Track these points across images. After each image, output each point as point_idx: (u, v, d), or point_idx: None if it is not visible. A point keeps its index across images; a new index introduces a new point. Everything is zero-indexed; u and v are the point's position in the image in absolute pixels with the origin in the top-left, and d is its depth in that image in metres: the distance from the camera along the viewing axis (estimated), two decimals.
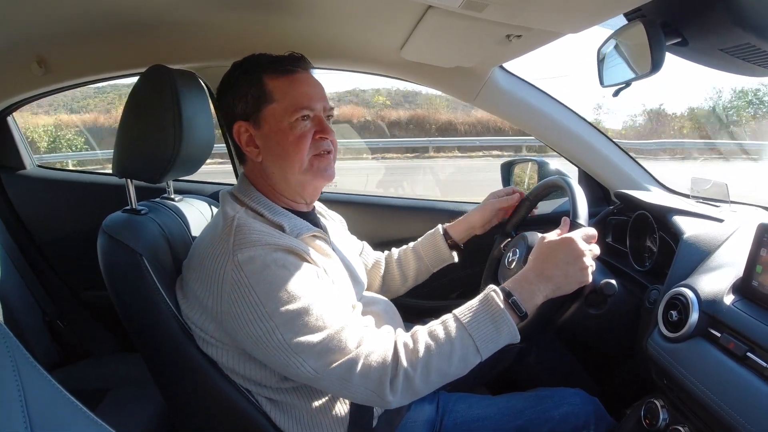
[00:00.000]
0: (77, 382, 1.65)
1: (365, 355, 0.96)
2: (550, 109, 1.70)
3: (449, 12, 1.03)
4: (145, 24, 1.35)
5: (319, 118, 1.11)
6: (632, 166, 1.75)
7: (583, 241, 1.08)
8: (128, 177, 1.20)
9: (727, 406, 0.85)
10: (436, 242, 1.50)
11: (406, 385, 0.96)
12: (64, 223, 1.94)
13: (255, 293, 0.94)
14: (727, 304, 0.95)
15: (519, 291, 1.04)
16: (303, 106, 1.08)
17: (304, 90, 1.10)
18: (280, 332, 0.94)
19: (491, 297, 1.02)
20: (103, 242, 1.09)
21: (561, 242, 1.08)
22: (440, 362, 0.97)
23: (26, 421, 0.51)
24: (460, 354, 0.98)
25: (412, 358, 0.97)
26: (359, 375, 0.95)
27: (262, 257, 0.96)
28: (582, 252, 1.06)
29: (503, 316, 1.00)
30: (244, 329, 0.96)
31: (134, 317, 1.09)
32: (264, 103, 1.08)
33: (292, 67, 1.10)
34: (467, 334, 0.99)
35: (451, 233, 1.50)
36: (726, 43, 0.94)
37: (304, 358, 0.94)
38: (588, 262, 1.06)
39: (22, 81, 1.66)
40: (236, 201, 1.11)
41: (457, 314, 1.03)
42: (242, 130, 1.11)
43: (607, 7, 0.94)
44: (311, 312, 0.95)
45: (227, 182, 2.00)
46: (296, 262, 0.99)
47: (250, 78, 1.09)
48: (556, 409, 1.17)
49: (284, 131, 1.08)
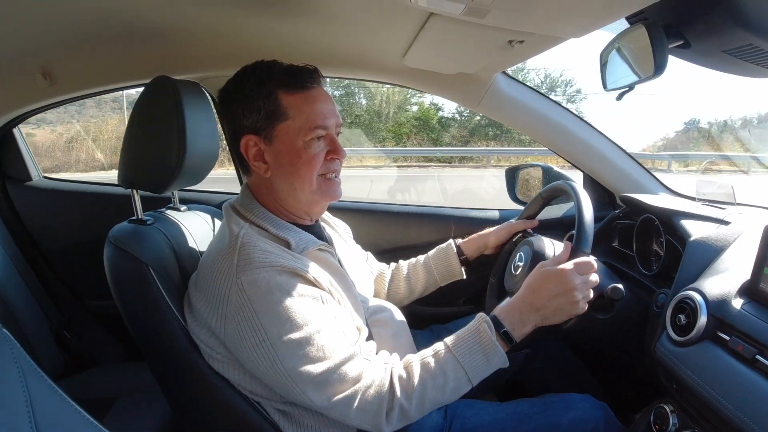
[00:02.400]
0: (84, 391, 1.65)
1: (363, 390, 0.98)
2: (554, 113, 1.70)
3: (451, 19, 1.03)
4: (149, 35, 1.36)
5: (331, 137, 1.10)
6: (637, 169, 1.75)
7: (576, 274, 1.07)
8: (133, 187, 1.21)
9: (737, 409, 0.84)
10: (448, 258, 1.51)
11: (401, 416, 1.00)
12: (71, 233, 1.95)
13: (258, 319, 0.95)
14: (735, 307, 0.94)
15: (510, 321, 1.07)
16: (318, 125, 1.06)
17: (320, 108, 1.07)
18: (281, 361, 0.95)
19: (483, 329, 1.06)
20: (110, 252, 1.10)
21: (554, 274, 1.08)
22: (434, 394, 1.02)
23: (33, 431, 0.51)
24: (453, 385, 1.03)
25: (407, 392, 1.01)
26: (357, 409, 0.98)
27: (266, 281, 0.96)
28: (573, 286, 1.06)
29: (494, 347, 1.04)
30: (247, 352, 0.97)
31: (141, 326, 1.09)
32: (277, 120, 1.06)
33: (308, 83, 1.07)
34: (459, 366, 1.03)
35: (463, 249, 1.51)
36: (728, 44, 0.94)
37: (303, 388, 0.96)
38: (579, 295, 1.06)
39: (27, 93, 1.67)
40: (239, 216, 1.10)
41: (450, 345, 1.06)
42: (251, 144, 1.08)
43: (609, 11, 0.94)
44: (313, 342, 0.96)
45: (232, 191, 2.00)
46: (301, 288, 0.99)
47: (263, 91, 1.06)
48: (565, 415, 1.16)
49: (297, 150, 1.06)
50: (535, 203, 1.51)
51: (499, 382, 1.51)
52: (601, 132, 1.74)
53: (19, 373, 0.53)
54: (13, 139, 1.93)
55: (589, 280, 1.08)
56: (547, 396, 1.25)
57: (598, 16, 0.96)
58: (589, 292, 1.08)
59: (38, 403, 0.53)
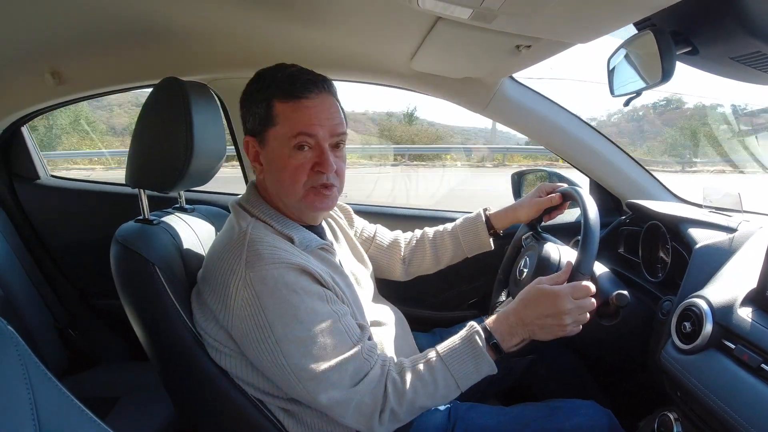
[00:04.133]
0: (88, 390, 1.66)
1: (361, 393, 1.01)
2: (561, 118, 1.69)
3: (459, 23, 1.03)
4: (158, 36, 1.37)
5: (320, 148, 1.07)
6: (643, 175, 1.74)
7: (570, 299, 1.06)
8: (140, 187, 1.22)
9: (742, 418, 0.83)
10: (477, 230, 1.48)
11: (392, 418, 1.04)
12: (77, 232, 1.96)
13: (264, 315, 0.97)
14: (741, 315, 0.94)
15: (500, 332, 1.10)
16: (300, 131, 1.05)
17: (307, 115, 1.06)
18: (284, 357, 0.97)
19: (474, 339, 1.09)
20: (116, 251, 1.10)
21: (547, 295, 1.07)
22: (425, 400, 1.06)
23: (36, 429, 0.51)
24: (443, 392, 1.07)
25: (399, 398, 1.04)
26: (353, 410, 1.02)
27: (274, 278, 0.97)
28: (564, 310, 1.05)
29: (484, 357, 1.08)
30: (252, 346, 0.99)
31: (146, 326, 1.10)
32: (268, 125, 1.08)
33: (302, 93, 1.06)
34: (450, 374, 1.07)
35: (493, 222, 1.48)
36: (736, 51, 0.93)
37: (304, 385, 0.99)
38: (568, 320, 1.06)
39: (35, 92, 1.69)
40: (246, 212, 1.12)
41: (441, 353, 1.09)
42: (250, 145, 1.13)
43: (617, 17, 0.94)
44: (317, 341, 0.98)
45: (237, 192, 2.01)
46: (307, 286, 1.01)
47: (261, 96, 1.08)
48: (568, 421, 1.16)
49: (284, 158, 1.07)
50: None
51: (503, 386, 1.51)
52: (608, 138, 1.74)
53: (23, 370, 0.53)
54: (22, 137, 1.95)
55: (583, 305, 1.08)
56: (551, 401, 1.25)
57: (605, 22, 0.96)
58: (583, 317, 1.08)
59: (42, 401, 0.53)
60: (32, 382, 0.53)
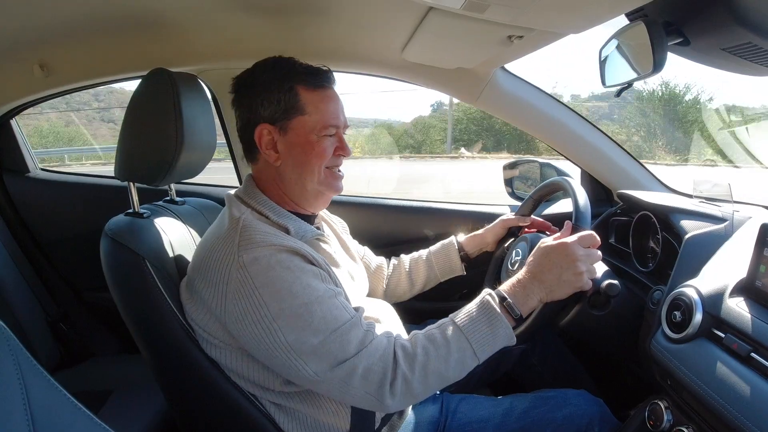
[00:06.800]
0: (80, 384, 1.65)
1: (366, 358, 0.97)
2: (552, 109, 1.70)
3: (451, 13, 1.03)
4: (147, 27, 1.36)
5: (340, 135, 1.16)
6: (634, 166, 1.75)
7: (579, 246, 1.07)
8: (130, 180, 1.21)
9: (731, 406, 0.84)
10: (449, 255, 1.53)
11: (404, 388, 0.98)
12: (67, 225, 1.95)
13: (259, 294, 0.95)
14: (730, 304, 0.95)
15: (513, 294, 1.07)
16: (331, 123, 1.12)
17: (334, 107, 1.13)
18: (283, 333, 0.94)
19: (486, 300, 1.06)
20: (106, 245, 1.09)
21: (556, 246, 1.08)
22: (438, 365, 1.00)
23: (29, 424, 0.51)
24: (457, 357, 1.01)
25: (410, 362, 0.99)
26: (360, 378, 0.96)
27: (266, 258, 0.96)
28: (577, 257, 1.06)
29: (499, 319, 1.03)
30: (248, 330, 0.96)
31: (137, 319, 1.09)
32: (295, 114, 1.10)
33: (325, 83, 1.13)
34: (464, 337, 1.02)
35: (464, 246, 1.54)
36: (728, 42, 0.94)
37: (305, 360, 0.95)
38: (583, 267, 1.06)
39: (24, 84, 1.67)
40: (242, 203, 1.11)
41: (454, 318, 1.06)
42: (265, 133, 1.11)
43: (609, 8, 0.94)
44: (314, 314, 0.96)
45: (227, 184, 2.00)
46: (301, 264, 1.00)
47: (285, 85, 1.10)
48: (560, 410, 1.17)
49: (311, 143, 1.11)
50: (527, 205, 1.52)
51: (495, 376, 1.52)
52: (600, 128, 1.74)
53: (15, 365, 0.53)
54: (11, 130, 1.93)
55: (592, 252, 1.09)
56: (542, 391, 1.26)
57: (598, 12, 0.96)
58: (594, 267, 1.09)
59: (34, 395, 0.53)
60: (24, 377, 0.53)
